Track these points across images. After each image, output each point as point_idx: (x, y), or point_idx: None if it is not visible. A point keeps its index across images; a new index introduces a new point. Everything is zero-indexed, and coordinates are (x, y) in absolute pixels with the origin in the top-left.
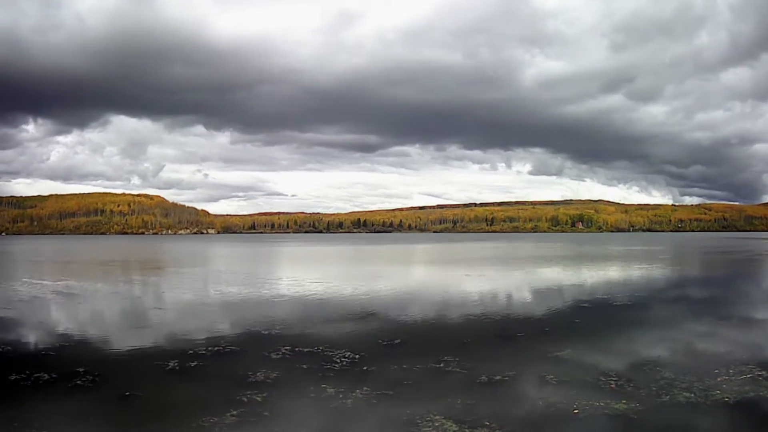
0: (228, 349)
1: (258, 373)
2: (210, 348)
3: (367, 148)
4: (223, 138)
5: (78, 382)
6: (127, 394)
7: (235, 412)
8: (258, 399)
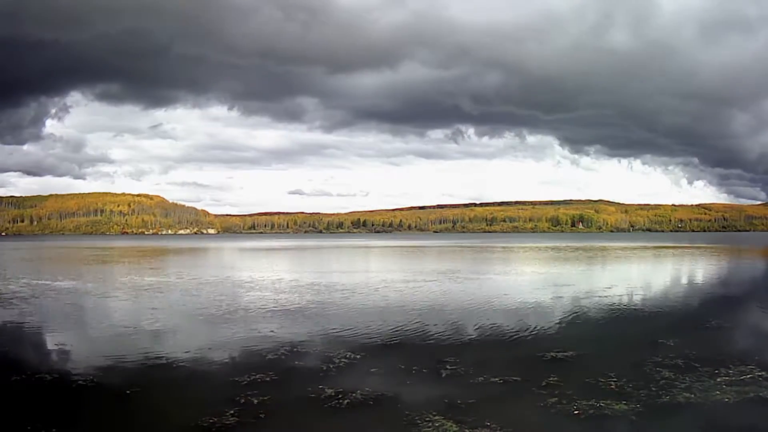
0: (226, 349)
1: (256, 374)
2: (208, 348)
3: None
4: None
5: (79, 381)
6: (127, 393)
7: (233, 412)
8: (256, 400)
